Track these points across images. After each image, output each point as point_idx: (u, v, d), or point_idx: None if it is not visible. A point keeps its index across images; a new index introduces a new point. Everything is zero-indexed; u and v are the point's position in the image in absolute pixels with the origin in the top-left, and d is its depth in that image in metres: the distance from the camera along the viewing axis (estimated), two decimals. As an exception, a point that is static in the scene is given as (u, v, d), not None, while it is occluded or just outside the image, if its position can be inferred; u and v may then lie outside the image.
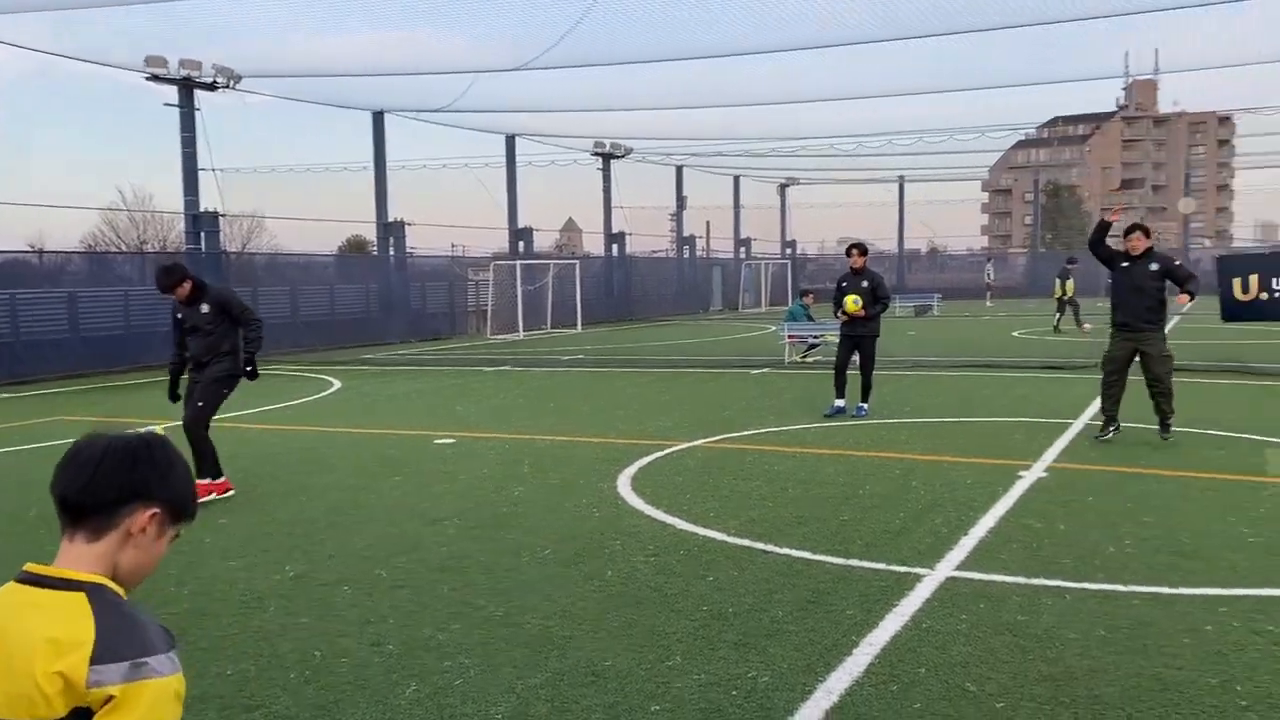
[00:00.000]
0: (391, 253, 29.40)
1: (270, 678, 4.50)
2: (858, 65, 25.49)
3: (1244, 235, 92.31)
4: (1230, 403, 12.43)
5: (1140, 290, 9.63)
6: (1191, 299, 9.65)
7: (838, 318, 11.90)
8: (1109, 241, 10.38)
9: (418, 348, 26.14)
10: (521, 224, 34.72)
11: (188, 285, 8.13)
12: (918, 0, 19.94)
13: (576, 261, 35.21)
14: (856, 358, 11.79)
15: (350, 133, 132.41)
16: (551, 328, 32.28)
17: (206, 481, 7.92)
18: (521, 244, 34.39)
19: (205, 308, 8.17)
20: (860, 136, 35.59)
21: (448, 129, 34.05)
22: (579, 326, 32.74)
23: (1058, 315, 26.01)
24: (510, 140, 34.35)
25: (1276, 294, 13.66)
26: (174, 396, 8.57)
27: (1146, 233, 9.97)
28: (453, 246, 39.23)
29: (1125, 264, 9.78)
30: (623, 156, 38.44)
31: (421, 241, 58.90)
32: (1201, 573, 5.69)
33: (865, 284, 11.66)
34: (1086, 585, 5.51)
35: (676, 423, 11.67)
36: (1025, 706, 4.03)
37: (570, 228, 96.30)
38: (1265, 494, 7.59)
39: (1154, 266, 9.66)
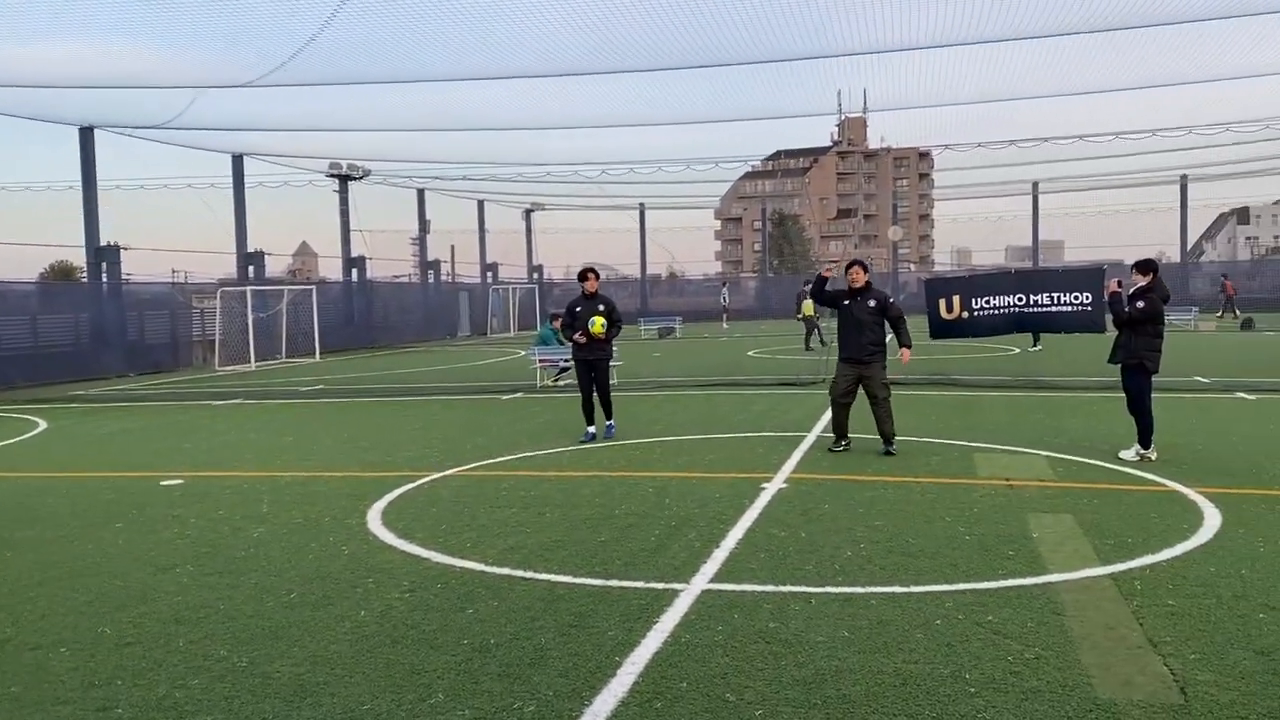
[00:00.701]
0: (104, 279, 27.02)
1: (-30, 761, 3.95)
2: (597, 94, 26.12)
3: (943, 260, 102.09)
4: (941, 413, 13.61)
5: (861, 325, 10.49)
6: (909, 351, 10.90)
7: (577, 340, 11.65)
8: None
9: (137, 382, 24.13)
10: (252, 248, 32.94)
11: None
12: (636, 36, 20.71)
13: (313, 287, 33.78)
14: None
15: (50, 149, 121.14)
16: (287, 357, 30.74)
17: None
18: (252, 269, 32.60)
19: None
20: (604, 164, 36.47)
21: (169, 147, 31.83)
22: (317, 355, 31.37)
23: (807, 335, 27.46)
24: (238, 160, 32.55)
25: (977, 313, 15.04)
26: None
27: (865, 268, 10.87)
28: (174, 272, 36.61)
29: (847, 302, 10.62)
30: (361, 178, 37.36)
31: (139, 267, 54.62)
32: (928, 571, 6.16)
33: (601, 307, 11.69)
34: (829, 589, 5.82)
35: (427, 452, 11.39)
36: (782, 712, 4.18)
37: (305, 251, 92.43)
38: (977, 495, 8.34)
39: (872, 303, 10.57)
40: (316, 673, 4.73)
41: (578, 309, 11.80)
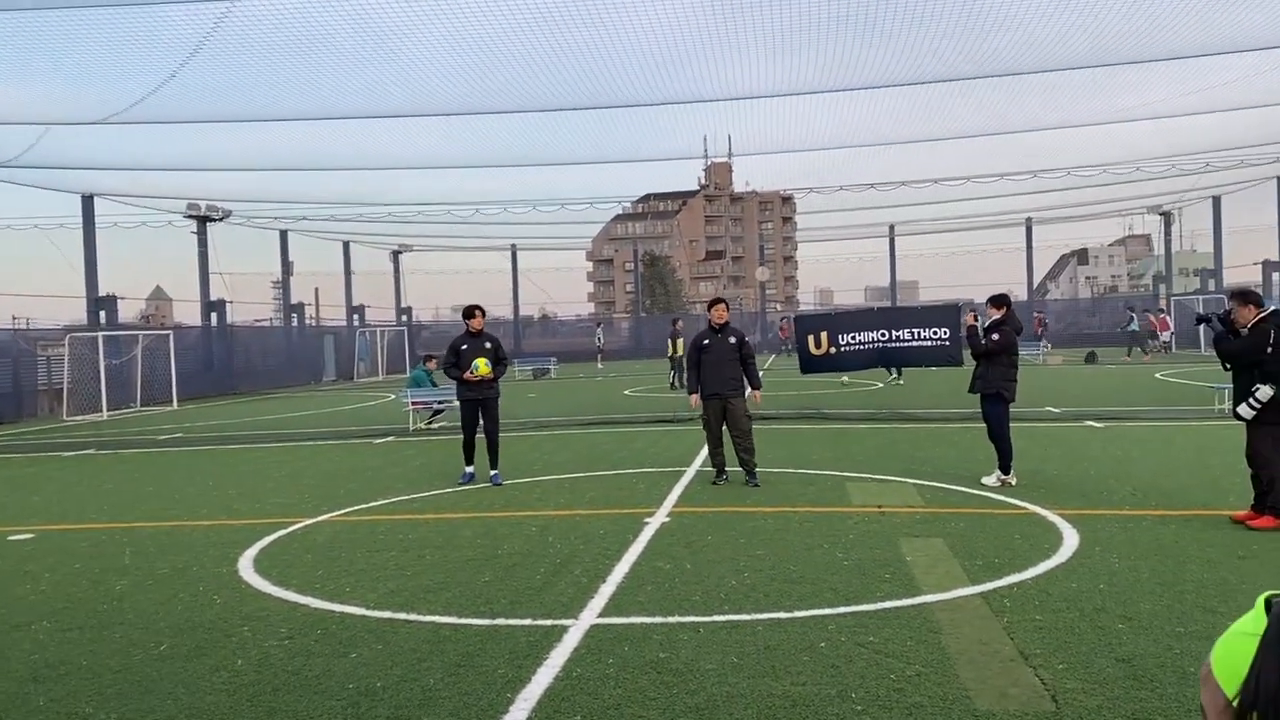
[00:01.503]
0: (-62, 325, 25.31)
1: None
2: (469, 134, 26.08)
3: (807, 299, 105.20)
4: (813, 445, 13.97)
5: (722, 363, 10.88)
6: (760, 392, 11.38)
7: (467, 378, 11.34)
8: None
9: (-24, 434, 22.61)
10: (104, 291, 31.42)
11: None
12: (508, 78, 20.87)
13: (170, 332, 32.38)
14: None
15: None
16: (143, 405, 29.33)
17: None
18: (103, 314, 31.08)
19: None
20: (477, 204, 36.28)
21: (13, 186, 30.18)
22: (175, 403, 30.02)
23: (672, 373, 27.86)
24: (88, 200, 31.12)
25: (844, 349, 15.57)
26: None
27: (727, 305, 11.25)
28: (14, 319, 34.60)
29: (707, 341, 10.97)
30: (221, 219, 36.18)
31: (-26, 313, 51.54)
32: (810, 596, 6.30)
33: (488, 345, 11.52)
34: (716, 618, 5.90)
35: (298, 498, 11.04)
36: (677, 738, 4.21)
37: (159, 296, 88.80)
38: (851, 522, 8.59)
39: (732, 340, 10.98)
40: (192, 726, 4.51)
41: (463, 347, 11.44)
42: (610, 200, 39.24)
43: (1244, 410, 8.09)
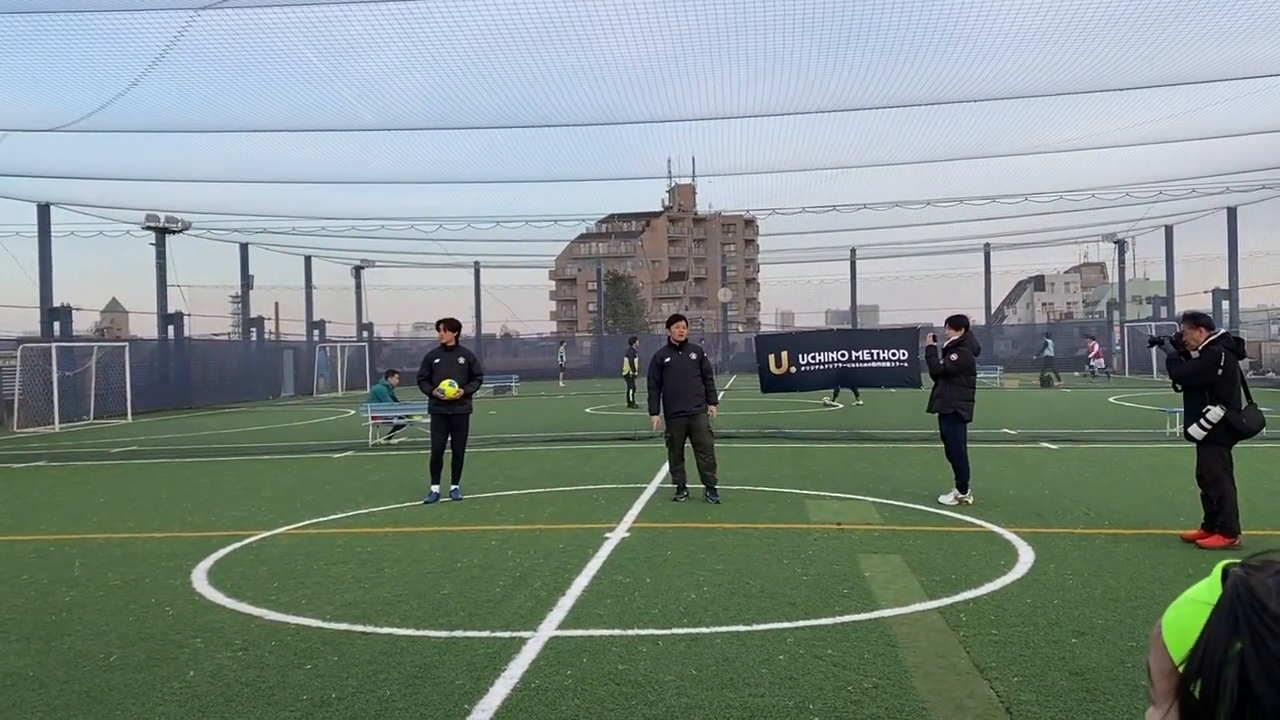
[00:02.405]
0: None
1: None
2: (433, 150, 26.04)
3: (769, 321, 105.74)
4: (773, 463, 14.03)
5: (686, 379, 10.80)
6: (716, 407, 11.07)
7: (435, 396, 11.19)
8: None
9: (-79, 445, 22.09)
10: (58, 302, 30.89)
11: None
12: (474, 95, 20.90)
13: (125, 344, 31.88)
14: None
15: None
16: (96, 418, 28.83)
17: None
18: (58, 325, 30.54)
19: None
20: (440, 219, 36.14)
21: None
22: (129, 416, 29.52)
23: (630, 390, 27.94)
24: (44, 209, 30.63)
25: (804, 368, 15.69)
26: None
27: (686, 323, 11.23)
28: (-34, 328, 33.86)
29: (668, 359, 10.88)
30: (180, 231, 35.74)
31: (-77, 323, 50.54)
32: (769, 609, 6.32)
33: (461, 360, 11.35)
34: (675, 630, 5.90)
35: (254, 511, 10.89)
36: (635, 749, 4.20)
37: (114, 308, 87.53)
38: (811, 539, 8.63)
39: (693, 356, 10.94)
40: (142, 737, 4.43)
41: (436, 361, 11.26)
42: (574, 218, 39.30)
43: (1195, 431, 8.26)
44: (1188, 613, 0.84)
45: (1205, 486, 8.28)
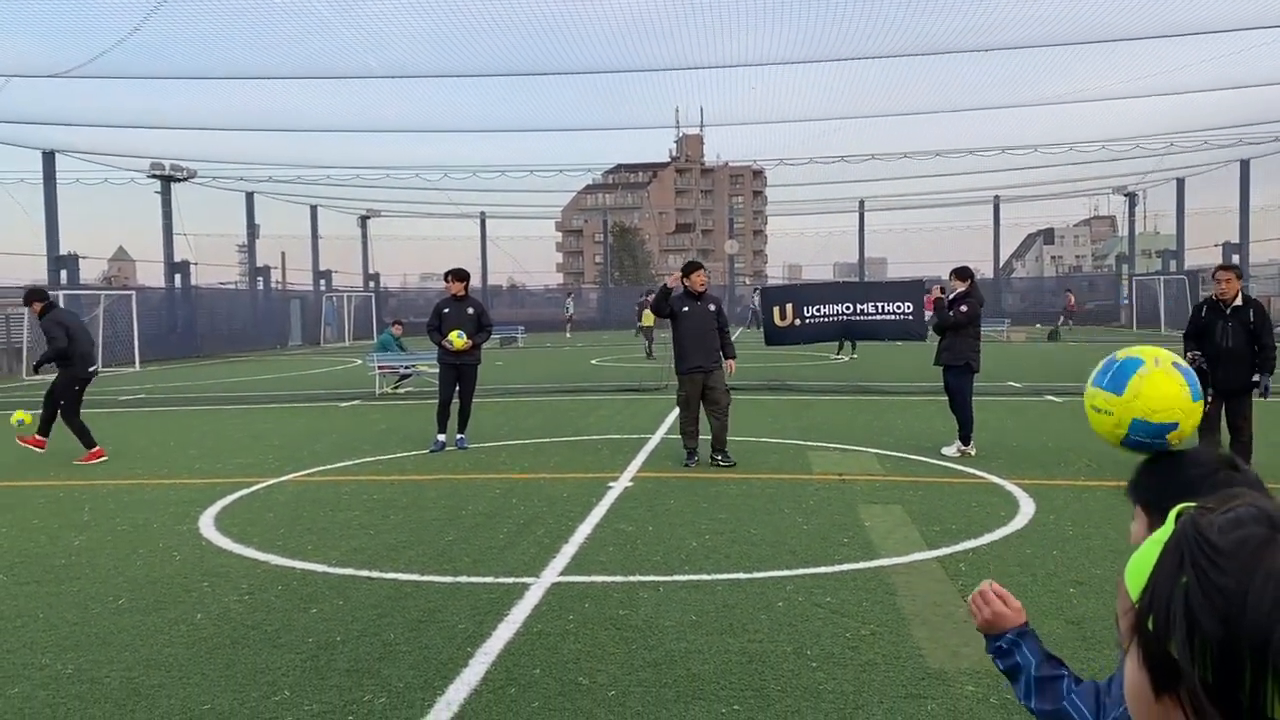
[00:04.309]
0: (-108, 281, 24.79)
1: None
2: (439, 98, 25.83)
3: (776, 274, 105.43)
4: (777, 415, 14.07)
5: (704, 334, 10.07)
6: (734, 361, 10.44)
7: (444, 347, 11.21)
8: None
9: (-69, 392, 22.25)
10: (65, 250, 30.90)
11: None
12: (481, 42, 20.69)
13: (132, 293, 31.93)
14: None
15: None
16: (104, 367, 28.96)
17: None
18: (64, 273, 30.58)
19: None
20: (446, 167, 35.93)
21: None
22: (137, 364, 29.66)
23: (648, 343, 27.86)
24: (49, 156, 30.52)
25: (809, 320, 15.66)
26: None
27: (706, 271, 10.79)
28: (-27, 276, 33.93)
29: (687, 308, 10.15)
30: (185, 179, 35.62)
31: (-70, 270, 50.65)
32: (770, 558, 6.38)
33: (470, 310, 11.32)
34: (677, 577, 5.96)
35: (261, 459, 10.98)
36: (634, 692, 4.27)
37: (121, 257, 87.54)
38: (813, 489, 8.69)
39: (711, 308, 10.28)
40: (150, 676, 4.52)
41: (445, 310, 11.27)
42: (580, 169, 39.05)
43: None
44: (1146, 553, 0.86)
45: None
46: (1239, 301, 8.61)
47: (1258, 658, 0.73)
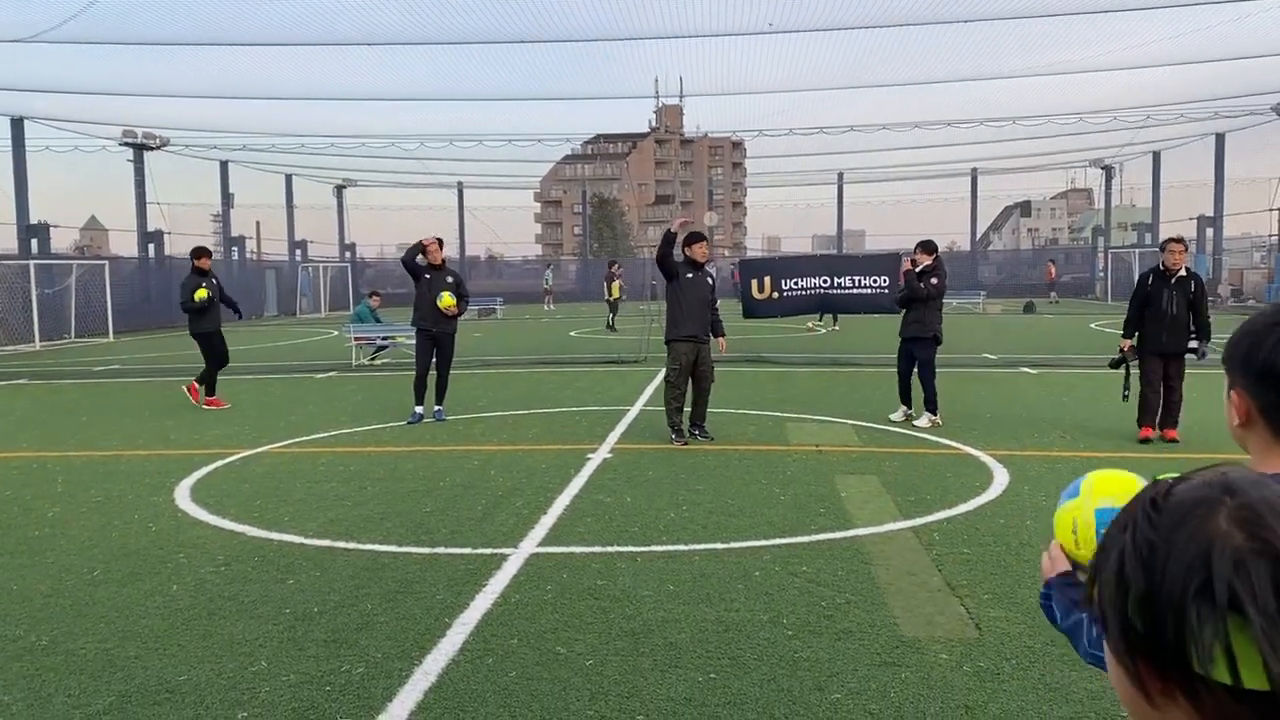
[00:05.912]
0: None
1: None
2: (415, 66, 25.53)
3: (755, 246, 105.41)
4: (754, 387, 14.11)
5: (703, 305, 9.86)
6: (724, 339, 10.34)
7: (446, 312, 10.99)
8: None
9: (-100, 362, 21.94)
10: (35, 219, 30.47)
11: None
12: (449, 10, 20.47)
13: (105, 262, 31.54)
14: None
15: None
16: (77, 337, 28.67)
17: None
18: (35, 242, 30.16)
19: None
20: (422, 136, 35.58)
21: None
22: (111, 335, 29.37)
23: (610, 315, 27.95)
24: (18, 123, 30.01)
25: (786, 294, 15.68)
26: None
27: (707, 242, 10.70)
28: (-58, 244, 33.38)
29: (690, 275, 9.95)
30: (157, 148, 35.14)
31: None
32: (747, 528, 6.43)
33: (450, 279, 11.22)
34: (654, 548, 5.99)
35: (237, 430, 10.92)
36: (612, 660, 4.30)
37: (94, 226, 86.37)
38: (790, 460, 8.73)
39: (710, 280, 10.13)
40: (126, 647, 4.51)
41: (426, 276, 11.09)
42: (558, 138, 38.80)
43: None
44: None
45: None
46: (1183, 273, 9.41)
47: (1177, 614, 0.75)
